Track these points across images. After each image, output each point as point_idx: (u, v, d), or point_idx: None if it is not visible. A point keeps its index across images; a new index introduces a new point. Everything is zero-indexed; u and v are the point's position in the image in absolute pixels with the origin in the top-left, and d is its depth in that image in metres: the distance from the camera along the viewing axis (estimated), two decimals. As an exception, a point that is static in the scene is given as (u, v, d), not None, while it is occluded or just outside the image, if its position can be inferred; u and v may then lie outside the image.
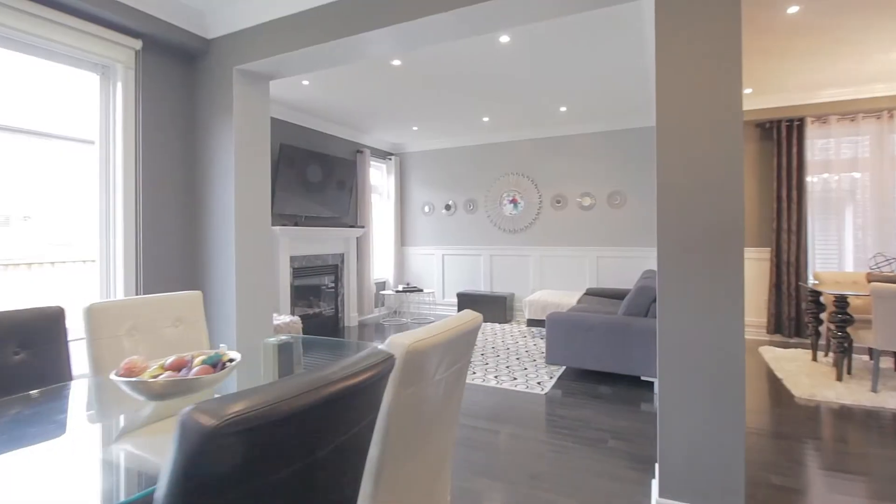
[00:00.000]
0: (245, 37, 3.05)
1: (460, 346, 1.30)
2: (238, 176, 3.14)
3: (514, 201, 6.52)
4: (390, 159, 7.19)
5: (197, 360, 1.34)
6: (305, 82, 4.39)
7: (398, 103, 5.08)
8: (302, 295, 5.61)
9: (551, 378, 3.88)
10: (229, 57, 3.12)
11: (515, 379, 3.86)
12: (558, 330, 3.83)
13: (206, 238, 3.27)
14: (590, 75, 4.25)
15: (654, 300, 3.78)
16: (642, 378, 3.74)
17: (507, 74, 4.21)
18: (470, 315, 1.38)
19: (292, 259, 5.32)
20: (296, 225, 5.26)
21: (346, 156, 6.36)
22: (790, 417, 3.03)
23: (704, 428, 1.92)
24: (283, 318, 3.91)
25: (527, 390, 3.60)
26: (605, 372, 3.82)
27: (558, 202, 6.33)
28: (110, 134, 2.95)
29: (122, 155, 2.93)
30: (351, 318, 6.23)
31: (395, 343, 1.07)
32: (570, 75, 4.25)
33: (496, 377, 3.91)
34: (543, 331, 5.69)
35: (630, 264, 5.97)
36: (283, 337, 1.81)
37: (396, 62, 3.90)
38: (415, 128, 6.23)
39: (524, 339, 5.27)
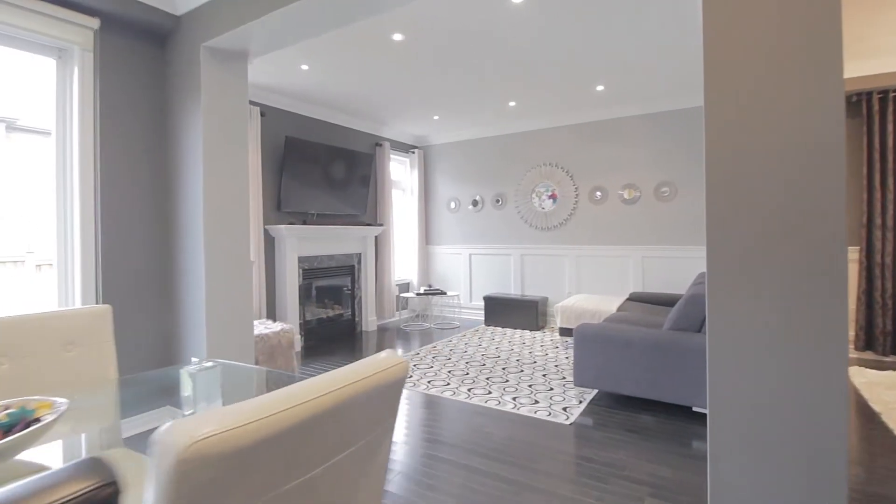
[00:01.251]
0: (210, 8, 2.65)
1: (353, 421, 0.77)
2: (207, 169, 2.75)
3: (552, 196, 5.87)
4: (413, 153, 6.72)
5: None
6: (304, 66, 3.98)
7: (409, 87, 4.58)
8: (313, 298, 5.24)
9: (580, 403, 3.26)
10: (196, 33, 2.73)
11: (537, 402, 3.27)
12: (589, 346, 3.21)
13: (177, 239, 2.91)
14: (632, 44, 3.58)
15: (710, 312, 3.08)
16: (694, 409, 3.05)
17: (529, 47, 3.60)
18: (383, 364, 0.84)
19: (301, 260, 4.96)
20: (304, 223, 4.89)
21: (365, 149, 5.95)
22: (899, 473, 2.27)
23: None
24: (271, 325, 3.52)
25: (549, 419, 3.01)
26: (646, 399, 3.15)
27: (597, 195, 5.63)
28: (67, 124, 2.63)
29: (78, 147, 2.60)
30: (369, 322, 5.81)
31: (166, 441, 0.55)
32: (607, 45, 3.59)
33: (514, 399, 3.34)
34: (578, 341, 5.03)
35: (681, 266, 5.18)
36: (208, 364, 1.38)
37: (398, 36, 3.40)
38: (435, 117, 5.72)
39: (555, 351, 4.64)
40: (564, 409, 3.16)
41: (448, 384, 3.69)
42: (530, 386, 3.62)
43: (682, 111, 5.12)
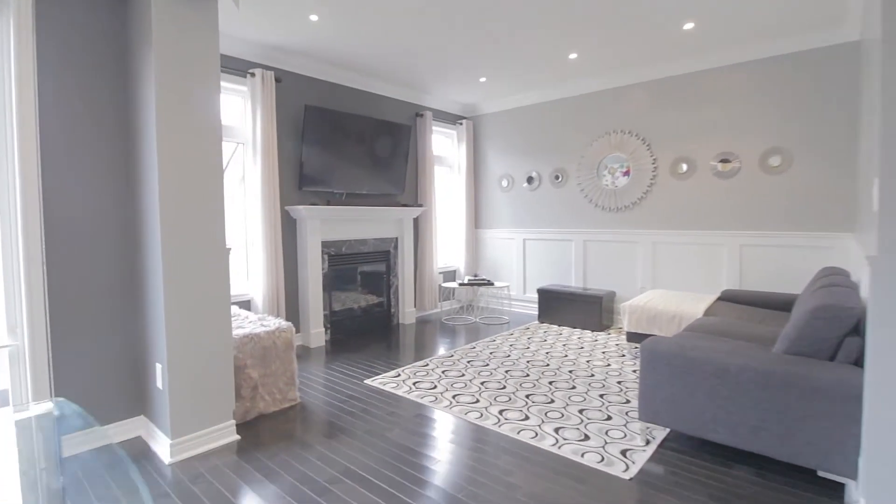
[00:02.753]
0: (155, -80, 2.07)
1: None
2: (162, 129, 2.21)
3: (626, 173, 4.87)
4: (461, 124, 5.95)
5: None
6: (313, 17, 3.36)
7: (445, 38, 3.81)
8: (342, 287, 4.73)
9: (647, 444, 2.41)
10: (146, -42, 2.18)
11: (587, 439, 2.47)
12: (662, 369, 2.33)
13: (140, 220, 2.43)
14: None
15: (856, 332, 2.08)
16: (821, 474, 2.09)
17: (587, -37, 2.69)
18: None
19: (327, 245, 4.43)
20: (329, 204, 4.35)
21: (402, 120, 5.28)
22: None
23: None
24: (268, 323, 2.96)
25: (600, 466, 2.21)
26: (746, 451, 2.22)
27: (682, 168, 4.54)
28: (5, 78, 2.20)
29: (16, 106, 2.17)
30: (406, 314, 5.22)
31: None
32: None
33: (557, 431, 2.56)
34: (651, 349, 4.08)
35: (794, 257, 4.01)
36: (49, 404, 0.82)
37: (412, -40, 2.65)
38: (482, 79, 4.89)
39: (618, 362, 3.74)
40: (624, 452, 2.33)
41: (477, 401, 2.98)
42: (581, 412, 2.81)
43: (802, 54, 3.88)
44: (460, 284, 5.18)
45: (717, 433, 2.17)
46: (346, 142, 4.48)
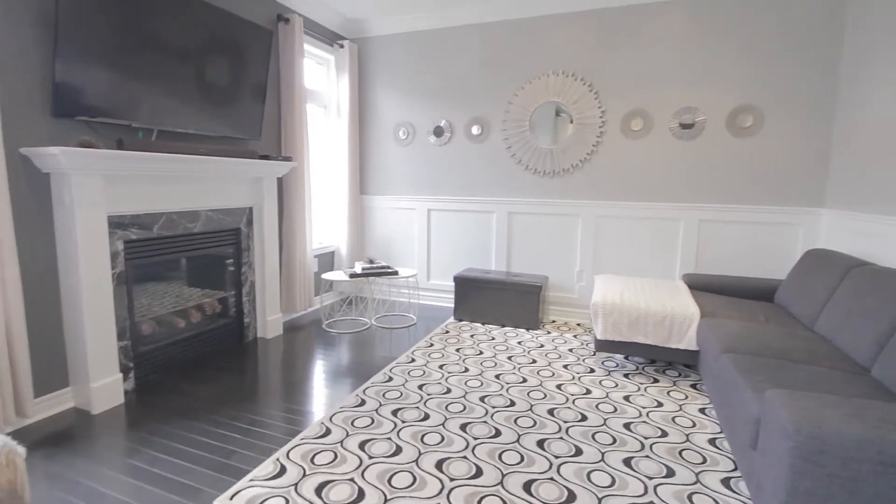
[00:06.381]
0: None
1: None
2: None
3: (569, 125, 3.78)
4: (341, 46, 4.22)
5: None
6: None
7: None
8: (155, 293, 2.81)
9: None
10: None
11: None
12: (828, 470, 1.28)
13: None
14: None
15: None
16: None
17: None
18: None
19: (118, 223, 2.46)
20: (121, 147, 2.36)
21: (259, 22, 3.35)
22: None
23: None
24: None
25: None
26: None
27: (636, 125, 3.65)
28: None
29: None
30: (269, 323, 3.49)
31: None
32: None
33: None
34: (625, 364, 3.19)
35: (761, 235, 3.46)
36: None
37: None
38: (385, -30, 3.27)
39: (596, 385, 2.73)
40: None
41: (448, 518, 1.63)
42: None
43: (787, -10, 3.19)
44: (352, 276, 3.63)
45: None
46: (156, 43, 2.48)
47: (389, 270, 3.71)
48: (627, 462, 1.97)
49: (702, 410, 2.44)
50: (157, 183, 2.61)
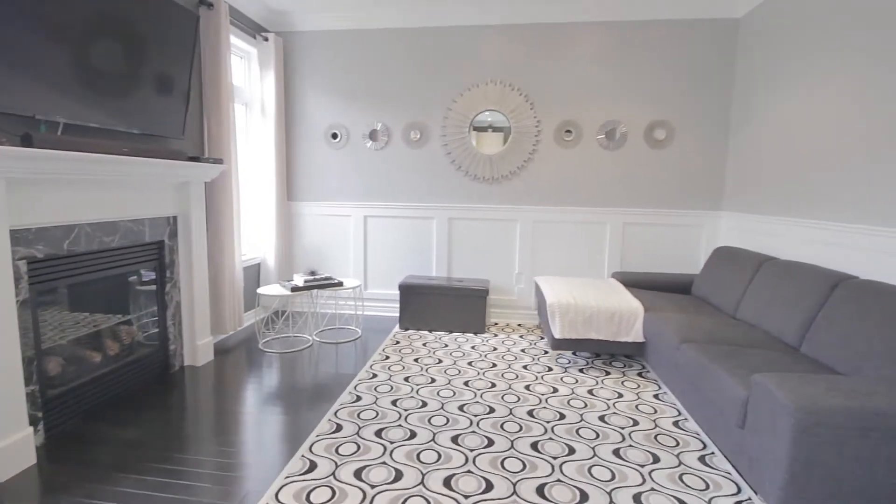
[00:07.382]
0: None
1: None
2: None
3: (506, 136, 3.88)
4: (265, 39, 3.87)
5: None
6: None
7: None
8: (64, 323, 2.31)
9: (787, 550, 1.56)
10: None
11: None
12: (823, 438, 1.48)
13: None
14: None
15: None
16: None
17: None
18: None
19: (21, 238, 1.98)
20: (27, 143, 1.89)
21: (184, 3, 2.92)
22: None
23: None
24: None
25: None
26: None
27: (568, 134, 3.90)
28: None
29: None
30: (198, 349, 3.06)
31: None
32: None
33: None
34: (575, 360, 3.37)
35: (674, 236, 3.91)
36: None
37: None
38: (327, -37, 3.08)
39: (559, 382, 2.86)
40: (789, 584, 1.41)
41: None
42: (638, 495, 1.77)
43: (679, 22, 3.67)
44: (294, 290, 3.34)
45: (906, 520, 1.48)
46: (61, 18, 2.04)
47: (334, 282, 3.49)
48: (616, 453, 2.09)
49: (656, 396, 2.68)
50: (66, 189, 2.14)
